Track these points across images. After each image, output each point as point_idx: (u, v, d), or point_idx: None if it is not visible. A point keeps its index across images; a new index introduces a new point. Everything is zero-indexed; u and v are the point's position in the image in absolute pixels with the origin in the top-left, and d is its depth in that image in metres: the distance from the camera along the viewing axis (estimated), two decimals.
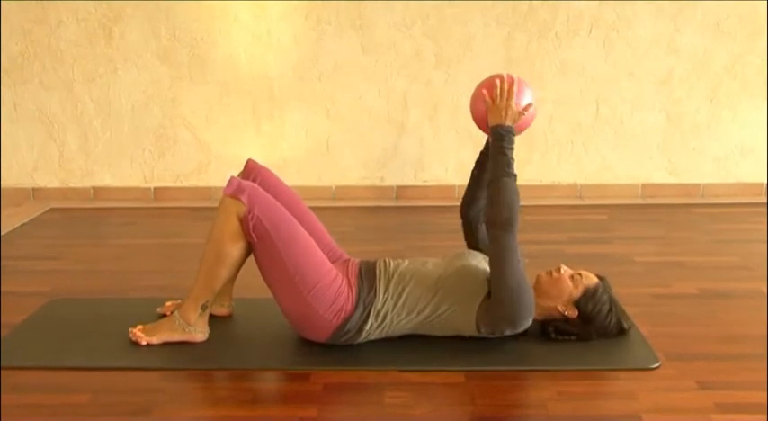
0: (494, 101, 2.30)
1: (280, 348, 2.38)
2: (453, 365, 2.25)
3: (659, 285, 2.94)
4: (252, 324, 2.57)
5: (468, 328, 2.31)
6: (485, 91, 2.32)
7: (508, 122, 2.29)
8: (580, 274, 2.37)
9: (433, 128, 4.26)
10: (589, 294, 2.34)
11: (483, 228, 2.51)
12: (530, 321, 2.30)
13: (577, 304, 2.34)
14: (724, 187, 4.31)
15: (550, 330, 2.37)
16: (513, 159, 2.28)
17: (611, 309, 2.36)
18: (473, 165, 2.56)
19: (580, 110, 4.24)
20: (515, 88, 2.29)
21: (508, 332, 2.30)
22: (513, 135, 2.29)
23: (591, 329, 2.36)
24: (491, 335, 2.32)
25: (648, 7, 4.08)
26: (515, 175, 2.28)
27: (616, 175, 4.33)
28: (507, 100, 2.28)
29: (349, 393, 2.15)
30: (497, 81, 2.29)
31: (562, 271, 2.38)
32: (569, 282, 2.35)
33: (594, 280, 2.37)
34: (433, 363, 2.26)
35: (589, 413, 2.02)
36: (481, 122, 2.38)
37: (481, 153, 2.54)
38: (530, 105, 2.32)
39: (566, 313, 2.35)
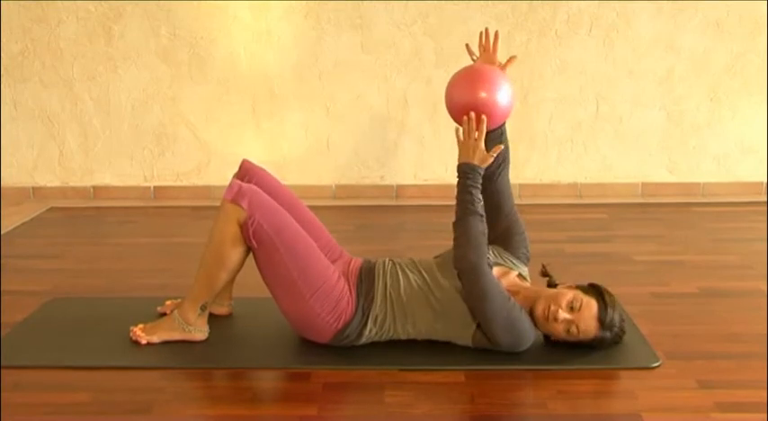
0: (462, 137, 2.27)
1: (280, 347, 2.38)
2: (453, 364, 2.25)
3: (659, 284, 2.94)
4: (252, 323, 2.57)
5: (466, 344, 2.30)
6: (458, 127, 2.27)
7: (475, 161, 2.26)
8: (578, 329, 2.19)
9: (433, 126, 4.26)
10: (586, 341, 2.24)
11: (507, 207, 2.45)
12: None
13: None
14: (724, 186, 4.31)
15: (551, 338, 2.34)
16: (479, 199, 2.25)
17: (614, 338, 2.26)
18: None
19: (580, 108, 4.24)
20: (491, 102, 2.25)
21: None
22: (480, 174, 2.26)
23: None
24: None
25: (648, 6, 4.08)
26: (482, 215, 2.24)
27: (616, 174, 4.33)
28: (476, 140, 2.24)
29: (349, 392, 2.15)
30: (466, 118, 2.25)
31: (559, 319, 2.19)
32: (564, 335, 2.22)
33: (592, 334, 2.21)
34: (433, 363, 2.26)
35: (589, 412, 2.02)
36: (454, 113, 2.34)
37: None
38: (498, 148, 2.27)
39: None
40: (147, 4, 4.10)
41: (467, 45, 2.43)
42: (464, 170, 2.27)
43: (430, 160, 4.30)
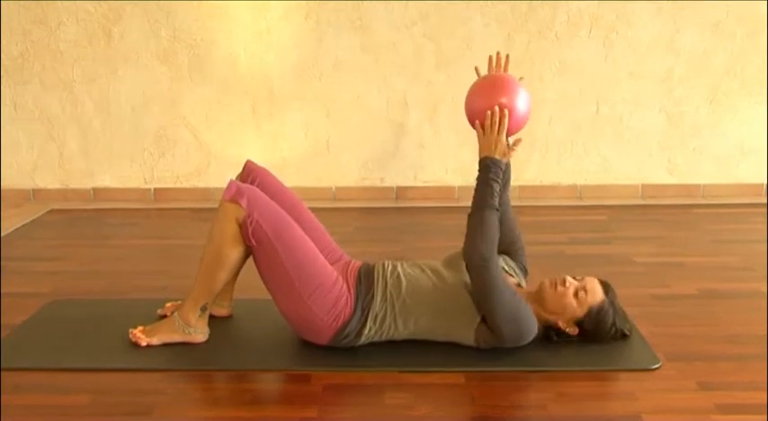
0: (485, 131, 2.26)
1: (280, 349, 2.38)
2: (453, 366, 2.25)
3: (659, 286, 2.94)
4: (252, 325, 2.57)
5: (468, 343, 2.30)
6: (477, 122, 2.26)
7: (497, 155, 2.25)
8: (585, 291, 2.28)
9: (433, 128, 4.26)
10: (593, 314, 2.28)
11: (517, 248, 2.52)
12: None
13: (580, 323, 2.30)
14: (724, 187, 4.31)
15: (552, 334, 2.35)
16: (497, 192, 2.24)
17: (614, 323, 2.31)
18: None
19: (580, 110, 4.24)
20: (508, 111, 2.24)
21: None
22: (501, 168, 2.26)
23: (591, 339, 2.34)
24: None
25: (648, 7, 4.08)
26: (498, 210, 2.24)
27: (616, 176, 4.33)
28: (498, 134, 2.24)
29: (349, 394, 2.15)
30: (489, 112, 2.23)
31: (567, 284, 2.29)
32: (573, 301, 2.28)
33: (600, 297, 2.29)
34: (433, 364, 2.26)
35: (589, 414, 2.02)
36: (475, 119, 2.32)
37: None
38: (519, 141, 2.28)
39: (567, 330, 2.32)
40: (146, 5, 4.11)
41: (476, 68, 2.41)
42: (486, 164, 2.25)
43: (430, 162, 4.31)
